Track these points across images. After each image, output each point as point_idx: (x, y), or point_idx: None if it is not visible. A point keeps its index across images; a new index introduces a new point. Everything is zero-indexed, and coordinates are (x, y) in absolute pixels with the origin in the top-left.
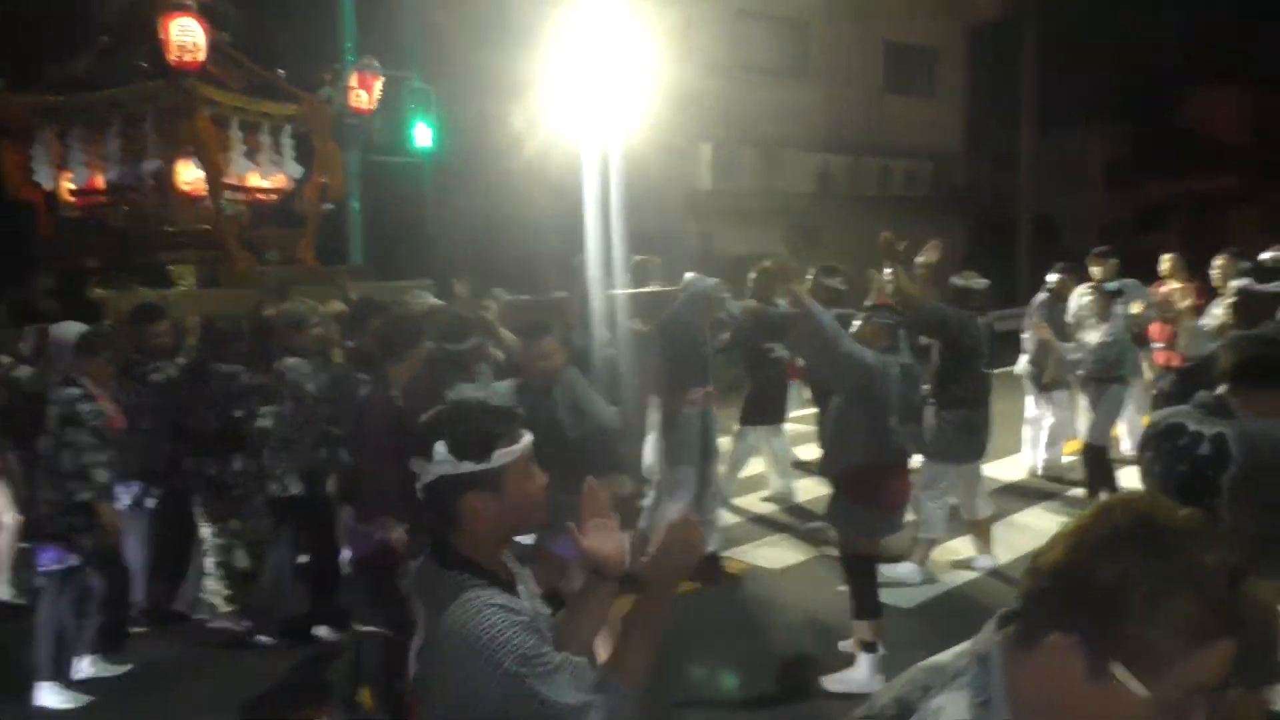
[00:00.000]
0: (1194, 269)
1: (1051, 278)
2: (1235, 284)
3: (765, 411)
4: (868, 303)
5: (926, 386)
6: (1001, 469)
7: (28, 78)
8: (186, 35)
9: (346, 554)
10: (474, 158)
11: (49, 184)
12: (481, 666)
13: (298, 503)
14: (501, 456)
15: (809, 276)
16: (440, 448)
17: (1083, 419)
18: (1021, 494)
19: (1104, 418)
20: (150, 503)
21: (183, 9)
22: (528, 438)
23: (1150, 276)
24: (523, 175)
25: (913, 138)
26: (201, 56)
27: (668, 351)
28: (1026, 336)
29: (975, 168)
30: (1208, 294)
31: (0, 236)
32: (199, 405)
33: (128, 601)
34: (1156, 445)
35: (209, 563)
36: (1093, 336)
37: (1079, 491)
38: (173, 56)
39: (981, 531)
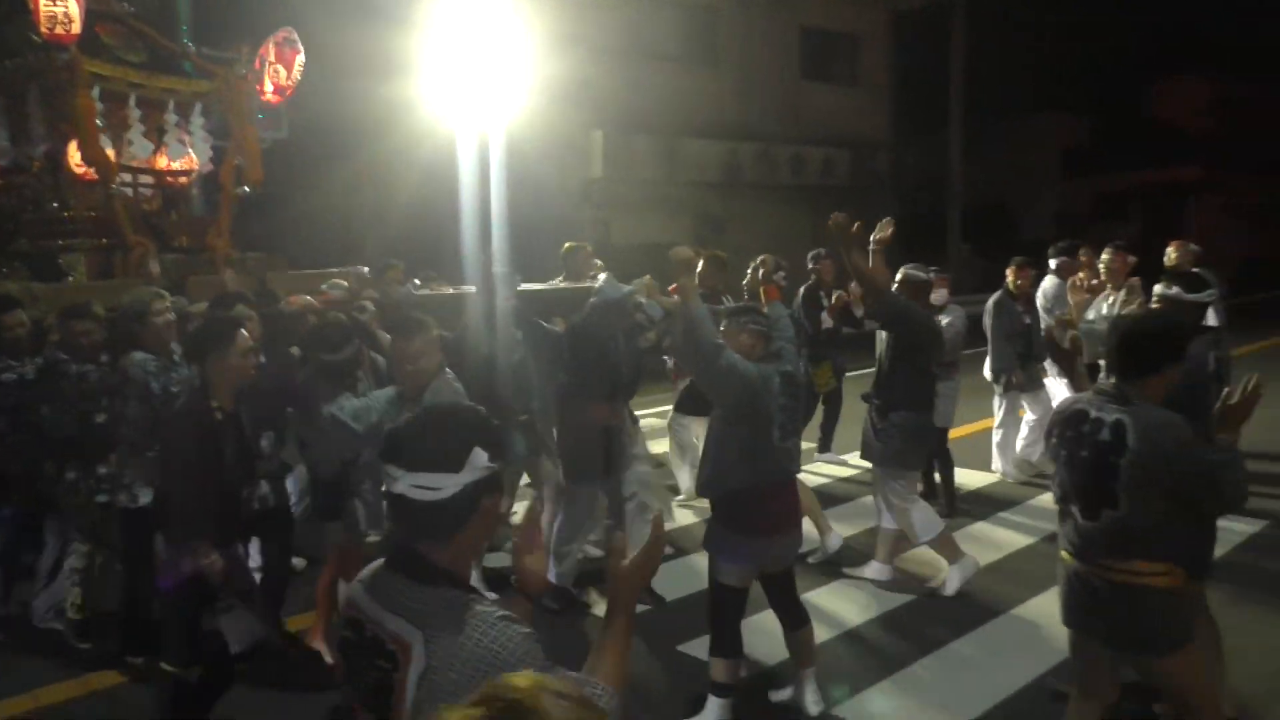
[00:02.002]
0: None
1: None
2: (1159, 290)
3: (701, 401)
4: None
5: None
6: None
7: None
8: (57, 5)
9: None
10: (336, 142)
11: None
12: None
13: (149, 514)
14: (505, 452)
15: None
16: (480, 455)
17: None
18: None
19: None
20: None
21: None
22: None
23: None
24: (393, 162)
25: (832, 125)
26: (75, 29)
27: (572, 361)
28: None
29: (901, 156)
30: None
31: None
32: (52, 406)
33: None
34: (1061, 431)
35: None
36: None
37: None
38: (44, 28)
39: (890, 541)
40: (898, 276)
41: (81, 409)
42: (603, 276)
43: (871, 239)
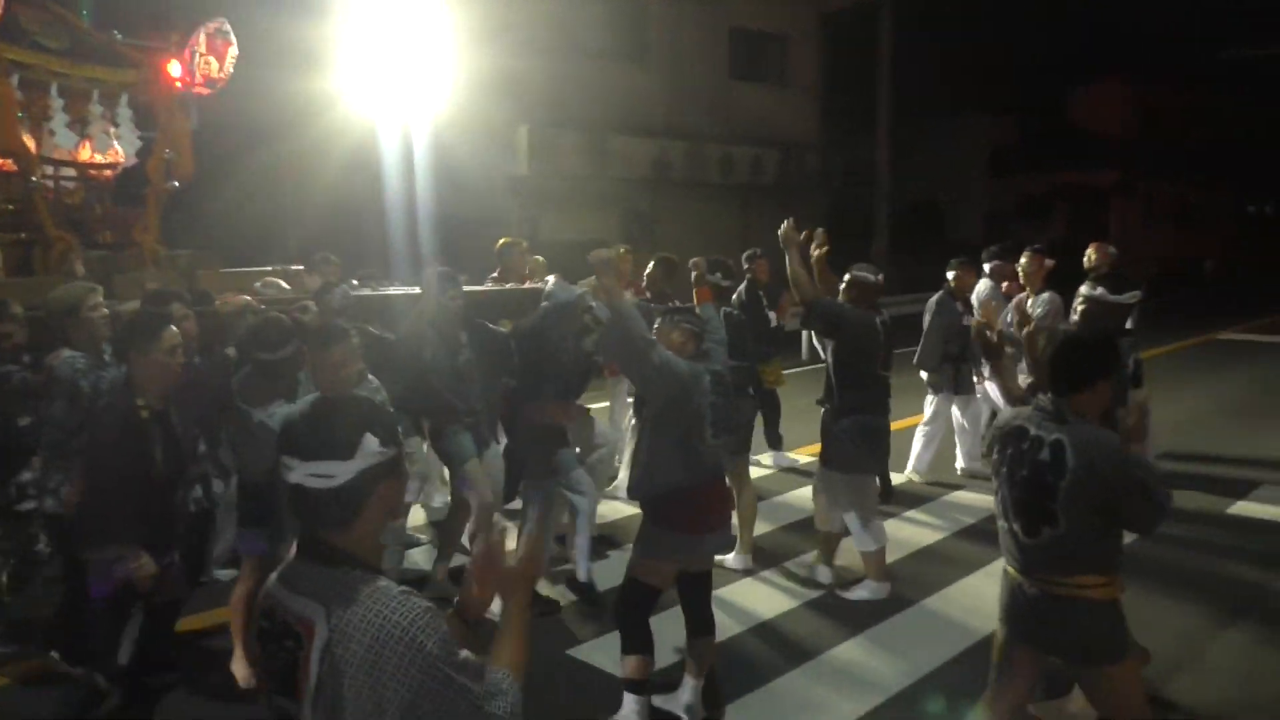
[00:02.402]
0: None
1: (950, 273)
2: (1085, 291)
3: None
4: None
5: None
6: None
7: None
8: None
9: None
10: (252, 135)
11: None
12: (403, 651)
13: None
14: (400, 438)
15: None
16: (371, 440)
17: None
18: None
19: None
20: None
21: None
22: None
23: None
24: (312, 156)
25: (762, 125)
26: None
27: (522, 363)
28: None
29: (830, 156)
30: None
31: None
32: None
33: None
34: (1001, 447)
35: None
36: None
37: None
38: None
39: (830, 543)
40: (845, 278)
41: (2, 412)
42: (552, 279)
43: (811, 253)
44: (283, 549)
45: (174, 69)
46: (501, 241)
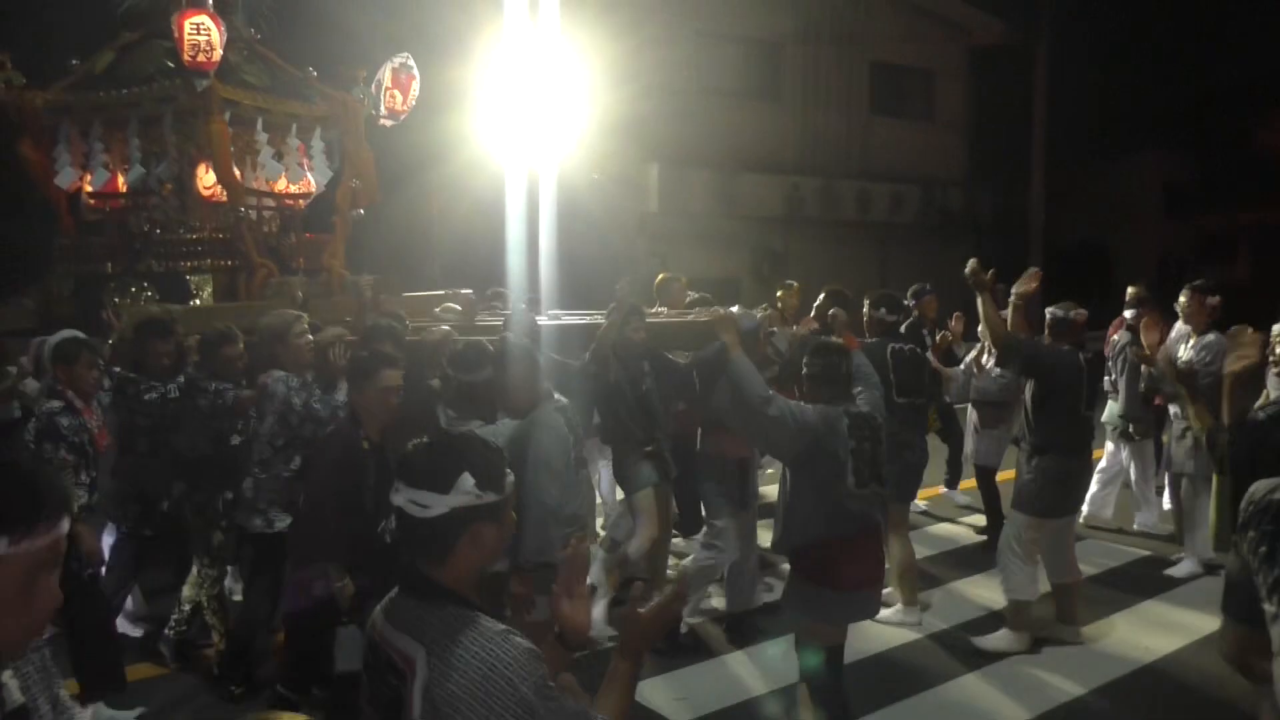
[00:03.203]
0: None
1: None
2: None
3: None
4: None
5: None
6: None
7: (50, 74)
8: (201, 34)
9: None
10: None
11: (71, 184)
12: (500, 691)
13: (281, 539)
14: (509, 486)
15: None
16: (467, 479)
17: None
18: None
19: None
20: (148, 531)
21: (198, 7)
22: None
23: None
24: (450, 189)
25: (902, 162)
26: (216, 56)
27: (704, 394)
28: (1111, 379)
29: (977, 195)
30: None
31: (20, 239)
32: (188, 425)
33: (114, 638)
34: (1259, 524)
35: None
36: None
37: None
38: (186, 56)
39: (1068, 597)
40: (1047, 316)
41: (216, 428)
42: (736, 308)
43: (1013, 291)
44: None
45: (362, 102)
46: (660, 277)
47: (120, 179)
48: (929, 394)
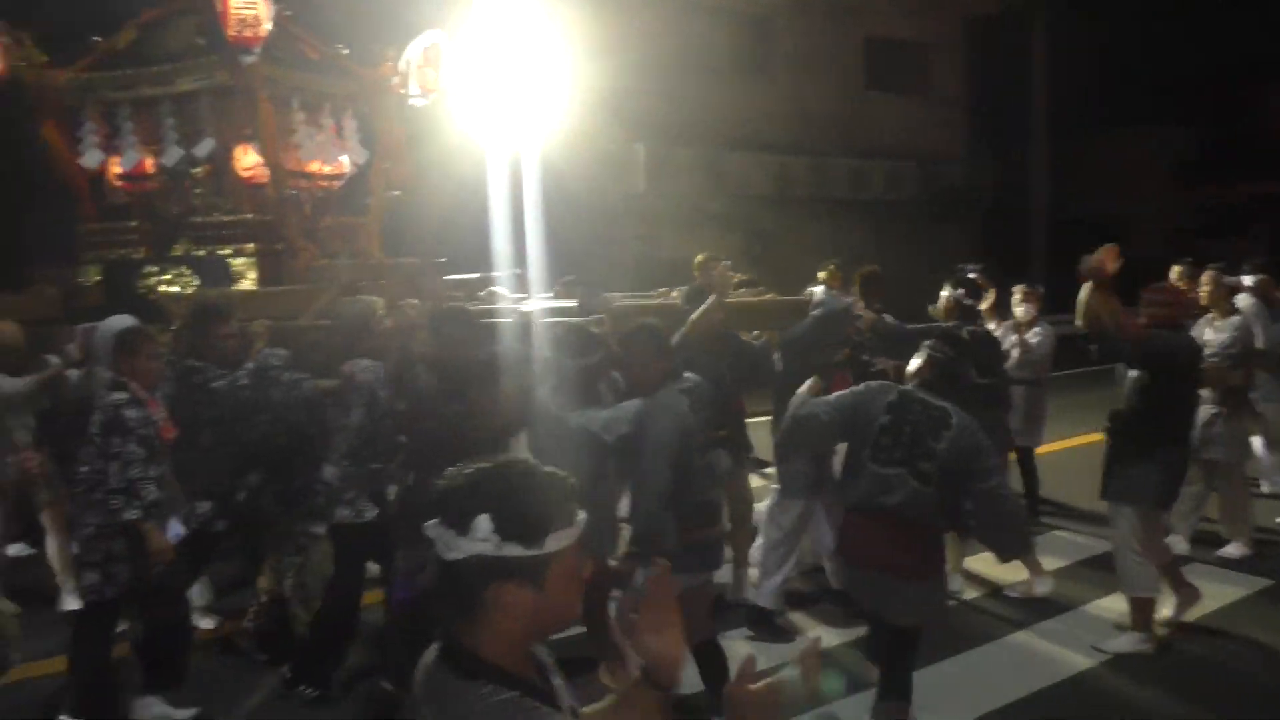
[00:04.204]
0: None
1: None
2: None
3: None
4: None
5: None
6: None
7: (71, 53)
8: (248, 7)
9: None
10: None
11: (95, 166)
12: None
13: (368, 529)
14: (555, 541)
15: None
16: (484, 522)
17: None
18: None
19: None
20: (220, 525)
21: None
22: (582, 518)
23: None
24: (428, 172)
25: (898, 138)
26: (263, 31)
27: (785, 375)
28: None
29: (977, 170)
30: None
31: (40, 223)
32: (261, 416)
33: (187, 636)
34: None
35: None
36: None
37: None
38: (231, 31)
39: (1172, 576)
40: (1143, 298)
41: (293, 420)
42: (819, 289)
43: (1088, 271)
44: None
45: (393, 80)
46: (700, 257)
47: (150, 160)
48: (1001, 375)
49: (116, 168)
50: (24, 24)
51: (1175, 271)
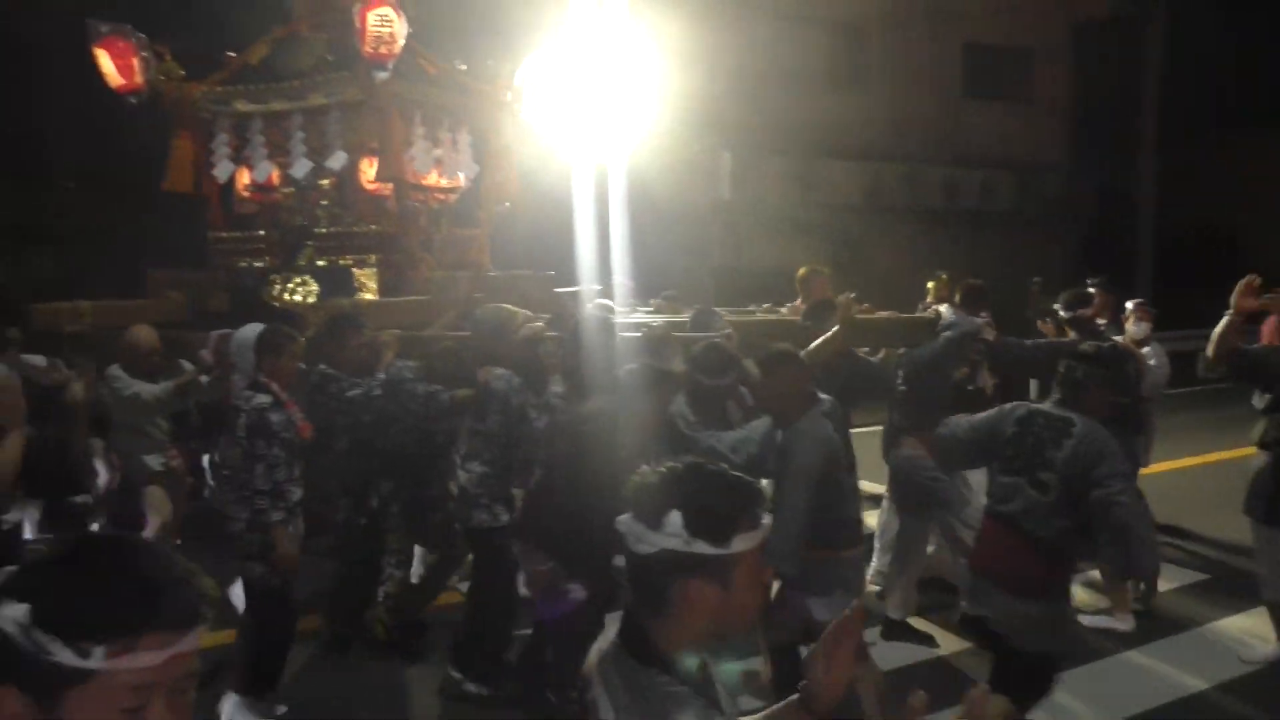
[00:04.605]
0: None
1: None
2: None
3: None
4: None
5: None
6: None
7: (207, 67)
8: (384, 26)
9: None
10: None
11: (225, 178)
12: None
13: (506, 532)
14: (741, 542)
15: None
16: (675, 518)
17: None
18: None
19: None
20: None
21: None
22: (767, 522)
23: None
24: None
25: (997, 147)
26: (397, 49)
27: (911, 392)
28: None
29: (1082, 180)
30: None
31: (170, 231)
32: (395, 426)
33: (287, 649)
34: None
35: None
36: None
37: None
38: (368, 48)
39: None
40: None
41: (426, 430)
42: (945, 309)
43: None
44: None
45: (507, 96)
46: (803, 271)
47: (278, 172)
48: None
49: (246, 179)
50: (164, 41)
51: None
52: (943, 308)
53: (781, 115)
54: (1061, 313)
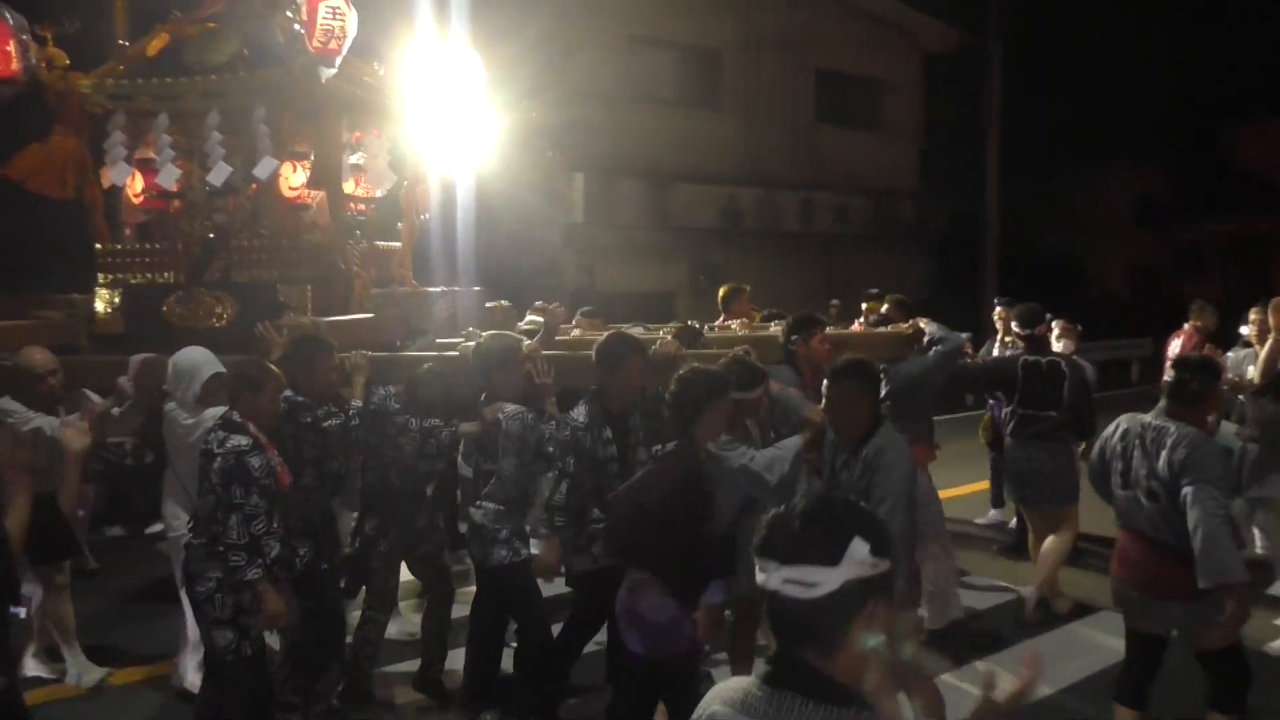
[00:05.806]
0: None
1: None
2: None
3: None
4: None
5: None
6: None
7: (96, 57)
8: (336, 19)
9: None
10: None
11: (121, 182)
12: None
13: (523, 569)
14: (891, 550)
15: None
16: (859, 545)
17: None
18: None
19: None
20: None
21: None
22: None
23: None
24: None
25: (850, 172)
26: (345, 46)
27: (896, 406)
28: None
29: (931, 205)
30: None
31: (47, 242)
32: (379, 460)
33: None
34: None
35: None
36: None
37: None
38: (316, 42)
39: None
40: None
41: (425, 470)
42: (931, 325)
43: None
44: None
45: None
46: (725, 288)
47: (189, 178)
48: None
49: (139, 185)
50: (46, 24)
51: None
52: (923, 322)
53: (636, 139)
54: (1018, 329)
